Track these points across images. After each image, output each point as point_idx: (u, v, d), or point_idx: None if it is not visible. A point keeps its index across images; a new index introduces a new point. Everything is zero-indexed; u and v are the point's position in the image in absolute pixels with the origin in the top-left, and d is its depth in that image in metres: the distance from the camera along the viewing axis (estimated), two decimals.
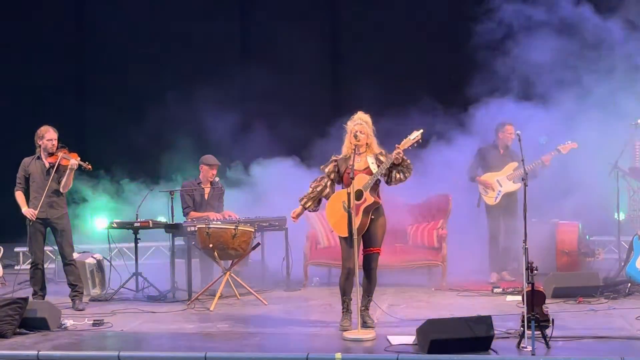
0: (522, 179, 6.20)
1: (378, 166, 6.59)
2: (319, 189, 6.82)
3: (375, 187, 6.64)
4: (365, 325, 6.56)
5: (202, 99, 11.22)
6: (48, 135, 7.84)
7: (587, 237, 9.26)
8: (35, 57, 12.74)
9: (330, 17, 12.88)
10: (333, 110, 11.00)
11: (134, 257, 8.94)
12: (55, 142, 7.85)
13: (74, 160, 7.73)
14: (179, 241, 8.86)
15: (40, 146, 7.88)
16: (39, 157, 7.91)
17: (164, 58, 12.59)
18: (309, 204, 6.85)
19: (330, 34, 12.87)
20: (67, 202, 8.22)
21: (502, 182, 8.94)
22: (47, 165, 7.85)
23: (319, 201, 6.89)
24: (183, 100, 11.83)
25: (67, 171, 7.75)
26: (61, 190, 7.85)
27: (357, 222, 6.43)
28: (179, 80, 12.15)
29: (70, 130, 9.69)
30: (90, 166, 7.87)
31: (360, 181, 6.53)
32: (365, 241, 6.66)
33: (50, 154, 7.84)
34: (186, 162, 10.67)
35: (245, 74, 12.11)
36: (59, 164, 7.79)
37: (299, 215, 6.95)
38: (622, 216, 9.02)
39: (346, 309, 6.69)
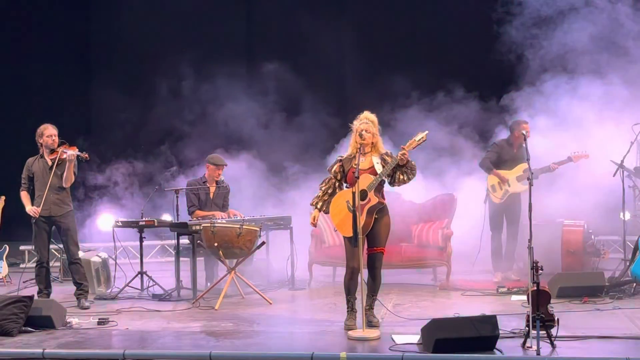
0: (528, 178, 6.20)
1: (383, 166, 6.56)
2: (330, 191, 6.80)
3: (379, 188, 6.62)
4: (370, 324, 6.55)
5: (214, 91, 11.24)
6: (47, 132, 7.84)
7: (593, 236, 9.24)
8: (39, 56, 12.77)
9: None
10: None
11: (139, 256, 8.96)
12: (55, 138, 7.84)
13: (71, 152, 7.72)
14: (184, 240, 8.87)
15: (41, 145, 7.88)
16: (41, 156, 7.92)
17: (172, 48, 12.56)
18: (320, 204, 6.84)
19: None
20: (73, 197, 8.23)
21: (511, 182, 8.92)
22: (50, 162, 7.85)
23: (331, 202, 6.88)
24: (194, 93, 11.84)
25: (67, 164, 7.76)
26: (64, 184, 7.85)
27: (361, 222, 6.43)
28: (189, 72, 12.13)
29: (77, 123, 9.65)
30: (87, 155, 7.85)
31: (365, 181, 6.51)
32: (370, 241, 6.64)
33: (52, 151, 7.85)
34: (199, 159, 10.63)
35: (266, 68, 12.01)
36: (59, 159, 7.80)
37: (315, 218, 6.92)
38: (627, 216, 8.98)
39: (351, 308, 6.69)
